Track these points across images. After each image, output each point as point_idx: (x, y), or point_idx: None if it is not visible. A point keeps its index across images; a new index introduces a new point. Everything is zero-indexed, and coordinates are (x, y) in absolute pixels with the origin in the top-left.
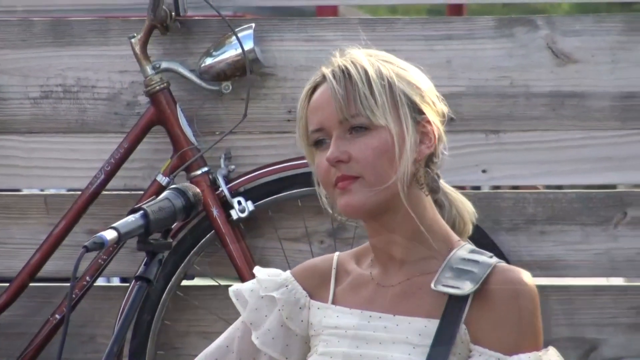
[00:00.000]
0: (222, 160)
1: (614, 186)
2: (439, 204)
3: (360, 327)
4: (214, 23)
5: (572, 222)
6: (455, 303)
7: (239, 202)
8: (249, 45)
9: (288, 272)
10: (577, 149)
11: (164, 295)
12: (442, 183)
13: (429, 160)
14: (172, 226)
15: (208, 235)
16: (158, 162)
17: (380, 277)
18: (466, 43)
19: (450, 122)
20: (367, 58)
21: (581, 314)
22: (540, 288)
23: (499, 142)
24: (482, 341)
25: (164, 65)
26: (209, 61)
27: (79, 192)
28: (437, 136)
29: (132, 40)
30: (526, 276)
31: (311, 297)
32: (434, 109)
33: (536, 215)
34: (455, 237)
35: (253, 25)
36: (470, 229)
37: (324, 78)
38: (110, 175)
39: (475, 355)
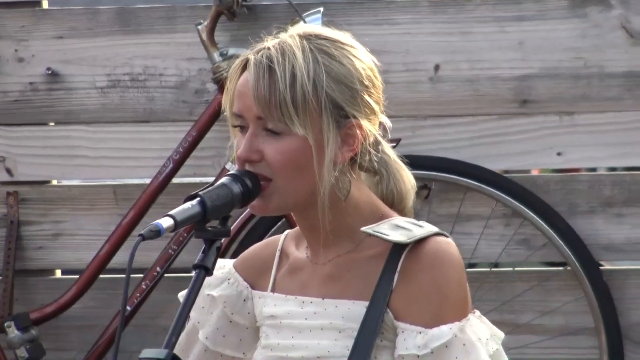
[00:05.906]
0: None
1: None
2: (379, 175)
3: (294, 315)
4: (281, 8)
5: None
6: (383, 284)
7: None
8: None
9: (230, 263)
10: None
11: None
12: (388, 154)
13: (364, 151)
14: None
15: (280, 222)
16: (227, 150)
17: (313, 257)
18: (538, 24)
19: (523, 104)
20: (302, 47)
21: None
22: (618, 272)
23: (573, 124)
24: (405, 317)
25: (232, 51)
26: None
27: (148, 182)
28: (363, 137)
29: (199, 27)
30: (447, 245)
31: (253, 286)
32: (368, 107)
33: (613, 197)
34: (389, 212)
35: (321, 9)
36: (409, 203)
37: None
38: (179, 164)
39: (399, 333)
